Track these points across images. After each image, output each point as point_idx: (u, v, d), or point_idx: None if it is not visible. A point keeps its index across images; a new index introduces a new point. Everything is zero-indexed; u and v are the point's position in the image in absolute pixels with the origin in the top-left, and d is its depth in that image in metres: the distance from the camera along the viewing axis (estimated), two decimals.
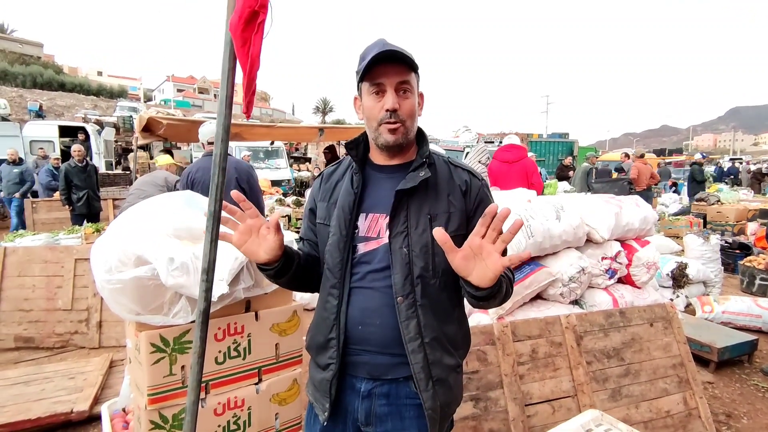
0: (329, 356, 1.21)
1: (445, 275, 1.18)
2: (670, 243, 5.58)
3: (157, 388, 1.62)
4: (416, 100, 1.19)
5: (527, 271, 2.68)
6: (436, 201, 1.19)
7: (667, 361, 2.56)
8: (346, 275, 1.20)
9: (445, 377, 1.19)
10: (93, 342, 3.85)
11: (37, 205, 8.42)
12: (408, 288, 1.15)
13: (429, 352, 1.16)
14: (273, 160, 15.05)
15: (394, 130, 1.15)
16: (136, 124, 6.53)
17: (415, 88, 1.18)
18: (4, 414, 2.66)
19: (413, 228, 1.16)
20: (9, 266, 3.96)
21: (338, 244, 1.20)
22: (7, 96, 28.87)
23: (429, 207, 1.18)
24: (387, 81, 1.14)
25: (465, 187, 1.23)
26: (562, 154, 17.83)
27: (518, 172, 4.89)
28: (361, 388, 1.21)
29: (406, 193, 1.17)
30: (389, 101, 1.13)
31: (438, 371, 1.18)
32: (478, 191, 1.24)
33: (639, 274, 3.07)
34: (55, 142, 13.38)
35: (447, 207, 1.19)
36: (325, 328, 1.21)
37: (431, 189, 1.20)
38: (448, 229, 1.14)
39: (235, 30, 1.10)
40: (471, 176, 1.26)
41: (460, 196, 1.21)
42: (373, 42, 1.18)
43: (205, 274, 1.29)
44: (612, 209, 3.01)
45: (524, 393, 2.23)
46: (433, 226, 1.12)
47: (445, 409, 1.21)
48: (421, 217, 1.17)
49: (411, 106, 1.16)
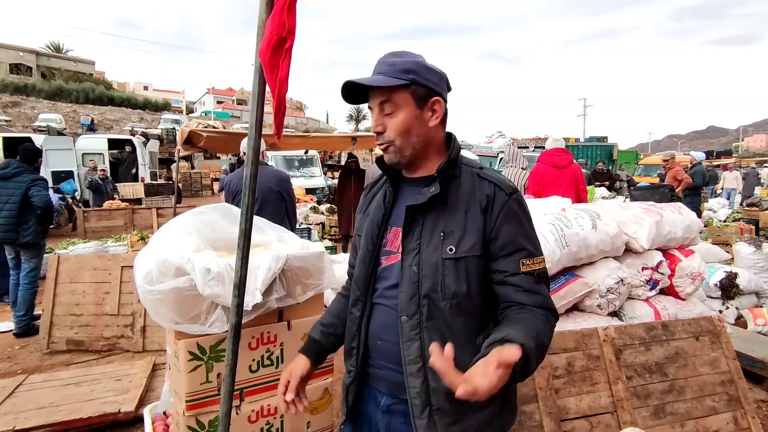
0: (351, 363, 1.23)
1: (457, 298, 1.11)
2: (718, 251, 5.29)
3: (194, 394, 1.68)
4: (412, 114, 1.13)
5: (562, 281, 2.61)
6: (452, 218, 1.13)
7: (715, 378, 2.43)
8: (369, 290, 1.20)
9: (448, 408, 1.09)
10: (137, 346, 4.04)
11: (88, 213, 8.93)
12: (413, 308, 1.11)
13: (431, 378, 1.09)
14: (307, 169, 15.34)
15: (385, 149, 1.16)
16: (178, 136, 6.81)
17: (405, 103, 1.12)
18: (58, 413, 2.83)
19: (425, 245, 1.12)
20: (62, 273, 4.22)
21: (365, 258, 1.21)
22: (62, 111, 30.85)
23: (444, 224, 1.12)
24: (372, 103, 1.15)
25: (486, 202, 1.12)
26: (601, 158, 17.25)
27: (568, 178, 4.64)
28: (381, 401, 1.20)
29: (419, 209, 1.13)
30: (372, 123, 1.15)
31: (439, 401, 1.10)
32: (503, 207, 1.12)
33: (683, 285, 2.93)
34: (105, 154, 14.17)
35: (463, 224, 1.11)
36: (350, 337, 1.24)
37: (450, 204, 1.14)
38: (460, 248, 1.10)
39: (264, 56, 1.15)
40: (496, 189, 1.13)
41: (479, 213, 1.12)
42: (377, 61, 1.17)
43: (237, 290, 1.33)
44: (652, 217, 2.90)
45: (560, 408, 2.17)
46: (444, 245, 1.09)
47: None
48: (435, 234, 1.12)
49: (397, 125, 1.12)
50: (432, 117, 1.15)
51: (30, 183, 4.54)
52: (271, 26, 1.14)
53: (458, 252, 1.10)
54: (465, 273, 1.11)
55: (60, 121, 26.12)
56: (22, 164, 4.66)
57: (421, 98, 1.13)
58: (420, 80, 1.12)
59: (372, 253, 1.21)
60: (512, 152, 5.31)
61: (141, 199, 12.28)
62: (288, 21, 1.12)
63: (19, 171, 4.58)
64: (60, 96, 35.11)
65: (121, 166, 14.42)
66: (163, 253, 1.66)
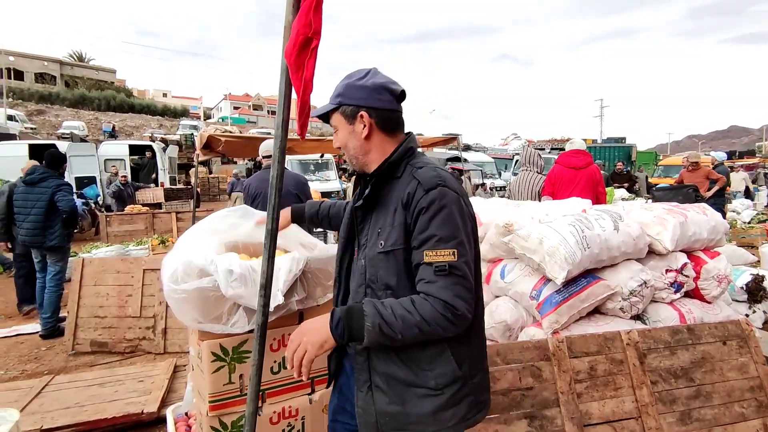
0: None
1: (390, 289, 1.23)
2: (743, 253, 5.13)
3: (217, 395, 1.70)
4: (345, 131, 1.31)
5: (584, 283, 2.57)
6: (385, 215, 1.26)
7: (744, 383, 2.36)
8: (342, 277, 1.42)
9: (386, 388, 1.23)
10: (159, 348, 4.11)
11: (111, 218, 9.12)
12: (360, 296, 1.28)
13: (373, 358, 1.25)
14: (323, 172, 15.43)
15: (347, 161, 1.37)
16: (197, 141, 6.93)
17: (339, 123, 1.32)
18: (83, 413, 2.89)
19: (369, 241, 1.28)
20: (86, 276, 4.32)
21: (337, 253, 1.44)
22: (85, 119, 31.64)
23: (381, 221, 1.27)
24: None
25: (407, 200, 1.22)
26: (619, 159, 16.96)
27: (586, 179, 4.56)
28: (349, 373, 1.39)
29: (362, 209, 1.32)
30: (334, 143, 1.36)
31: (379, 380, 1.24)
32: (418, 202, 1.20)
33: (709, 288, 2.85)
34: (126, 160, 14.48)
35: (391, 221, 1.24)
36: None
37: (385, 203, 1.28)
38: (387, 243, 1.23)
39: (290, 56, 1.17)
40: (417, 186, 1.22)
41: (402, 210, 1.23)
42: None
43: (263, 290, 1.35)
44: (676, 218, 2.83)
45: (582, 412, 2.14)
46: (378, 240, 1.25)
47: (392, 420, 1.23)
48: (374, 231, 1.28)
49: (339, 141, 1.34)
50: (363, 129, 1.29)
51: (55, 188, 4.67)
52: (297, 26, 1.15)
53: (386, 246, 1.23)
54: (395, 265, 1.23)
55: (83, 129, 26.81)
56: (48, 170, 4.80)
57: (350, 115, 1.30)
58: (345, 101, 1.29)
59: (343, 249, 1.41)
60: (527, 154, 5.20)
61: (161, 203, 12.50)
62: (314, 22, 1.14)
63: (45, 176, 4.71)
64: (83, 104, 36.06)
65: (142, 172, 14.72)
66: (188, 254, 1.68)
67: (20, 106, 31.04)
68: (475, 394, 1.28)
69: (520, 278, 2.66)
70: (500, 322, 2.60)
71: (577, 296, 2.48)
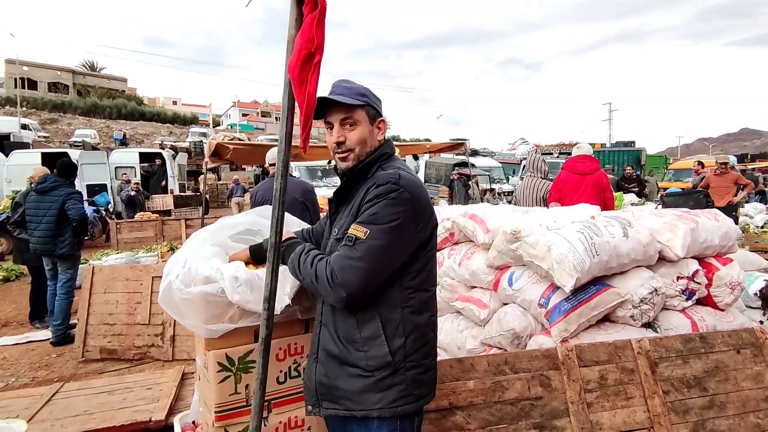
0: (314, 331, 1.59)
1: None
2: (756, 258, 5.04)
3: (223, 405, 1.70)
4: (367, 129, 1.41)
5: (593, 291, 2.53)
6: (347, 209, 1.42)
7: (759, 393, 2.31)
8: None
9: (326, 362, 1.41)
10: (167, 355, 4.12)
11: (121, 225, 9.22)
12: None
13: (321, 336, 1.45)
14: (330, 179, 15.48)
15: (344, 158, 1.41)
16: (206, 149, 6.98)
17: (362, 120, 1.40)
18: (92, 420, 2.90)
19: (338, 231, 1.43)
20: (96, 283, 4.37)
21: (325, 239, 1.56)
22: (96, 127, 32.11)
23: (342, 213, 1.44)
24: (333, 119, 1.40)
25: (363, 194, 1.35)
26: (629, 163, 16.81)
27: (593, 185, 4.50)
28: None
29: (336, 202, 1.49)
30: (335, 136, 1.39)
31: (322, 354, 1.42)
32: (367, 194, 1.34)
33: (721, 295, 2.80)
34: (136, 167, 14.65)
35: (348, 212, 1.40)
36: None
37: (350, 198, 1.42)
38: (339, 231, 1.41)
39: (293, 71, 1.17)
40: (373, 183, 1.35)
41: (357, 203, 1.37)
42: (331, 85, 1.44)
43: (267, 303, 1.34)
44: (687, 224, 2.79)
45: (593, 423, 2.10)
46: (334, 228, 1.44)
47: (326, 392, 1.40)
48: (342, 221, 1.42)
49: (358, 136, 1.39)
50: (379, 133, 1.45)
51: (66, 196, 4.73)
52: (300, 41, 1.16)
53: (338, 234, 1.40)
54: None
55: (94, 137, 27.21)
56: (59, 178, 4.86)
57: (372, 117, 1.43)
58: (371, 102, 1.42)
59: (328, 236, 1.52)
60: (531, 160, 5.15)
61: (170, 210, 12.61)
62: (317, 36, 1.15)
63: (56, 185, 4.77)
64: (94, 112, 36.63)
65: (152, 179, 14.87)
66: (192, 261, 1.68)
67: (34, 115, 31.61)
68: (407, 385, 1.36)
69: (528, 286, 2.63)
70: (508, 330, 2.58)
71: (586, 304, 2.45)
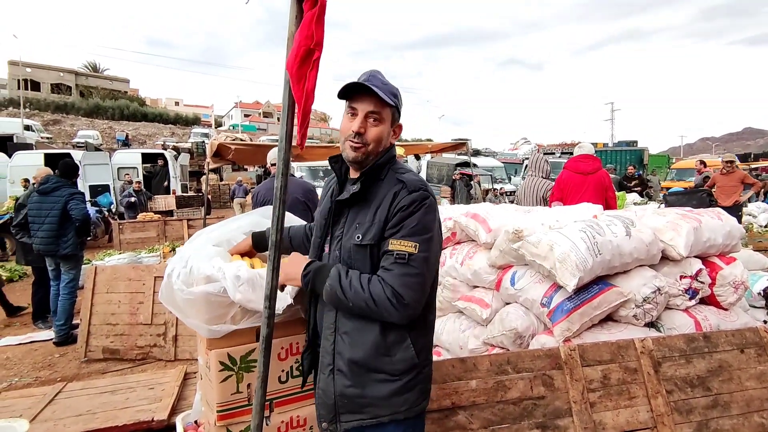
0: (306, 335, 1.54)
1: None
2: (760, 258, 5.02)
3: (225, 404, 1.70)
4: (387, 130, 1.38)
5: (596, 290, 2.53)
6: (367, 212, 1.35)
7: (763, 393, 2.30)
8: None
9: (348, 372, 1.32)
10: (169, 355, 4.13)
11: (123, 226, 9.24)
12: None
13: (338, 342, 1.34)
14: None
15: (356, 148, 1.35)
16: (208, 150, 7.00)
17: (387, 119, 1.37)
18: (95, 420, 2.91)
19: (345, 234, 1.37)
20: (99, 284, 4.37)
21: (315, 243, 1.50)
22: (99, 128, 32.21)
23: (361, 217, 1.36)
24: (360, 107, 1.34)
25: (392, 199, 1.32)
26: (631, 163, 16.76)
27: (594, 185, 4.48)
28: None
29: (345, 204, 1.39)
30: (356, 124, 1.33)
31: (342, 363, 1.33)
32: (400, 201, 1.30)
33: (725, 295, 2.79)
34: (139, 168, 14.68)
35: (372, 218, 1.33)
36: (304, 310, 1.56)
37: (368, 201, 1.36)
38: (365, 237, 1.32)
39: (292, 67, 1.17)
40: (402, 188, 1.33)
41: (385, 208, 1.32)
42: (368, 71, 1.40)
43: (268, 301, 1.34)
44: (690, 223, 2.78)
45: (596, 422, 2.09)
46: (356, 234, 1.33)
47: (348, 403, 1.32)
48: (353, 225, 1.36)
49: (378, 134, 1.36)
50: (393, 137, 1.44)
51: (68, 197, 4.74)
52: (299, 38, 1.16)
53: (364, 240, 1.32)
54: (369, 258, 1.32)
55: (97, 137, 27.29)
56: (61, 179, 4.88)
57: (394, 120, 1.42)
58: (399, 106, 1.42)
59: (320, 240, 1.48)
60: (534, 159, 5.14)
61: (173, 210, 12.63)
62: (316, 33, 1.15)
63: (58, 186, 4.79)
64: (97, 113, 36.73)
65: (154, 180, 14.90)
66: (194, 260, 1.69)
67: (37, 116, 31.71)
68: (424, 383, 1.39)
69: (530, 285, 2.63)
70: (511, 330, 2.57)
71: (589, 303, 2.44)
